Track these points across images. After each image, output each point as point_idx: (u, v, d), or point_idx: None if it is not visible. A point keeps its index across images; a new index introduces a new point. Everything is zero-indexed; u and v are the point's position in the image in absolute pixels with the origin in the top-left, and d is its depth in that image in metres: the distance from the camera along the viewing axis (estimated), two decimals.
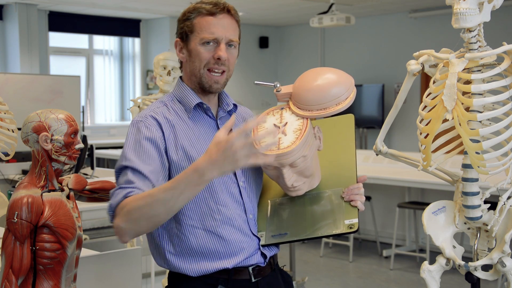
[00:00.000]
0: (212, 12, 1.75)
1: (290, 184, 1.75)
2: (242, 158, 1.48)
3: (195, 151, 1.74)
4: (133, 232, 1.62)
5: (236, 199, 1.77)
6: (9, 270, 1.77)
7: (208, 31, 1.74)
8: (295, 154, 1.68)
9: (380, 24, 9.30)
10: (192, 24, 1.77)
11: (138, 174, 1.66)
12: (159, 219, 1.59)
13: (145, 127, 1.72)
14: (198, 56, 1.76)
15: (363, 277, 5.65)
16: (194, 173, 1.51)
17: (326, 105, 1.75)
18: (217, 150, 1.48)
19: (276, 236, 1.78)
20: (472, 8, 1.94)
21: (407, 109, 5.46)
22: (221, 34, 1.75)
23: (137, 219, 1.59)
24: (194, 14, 1.77)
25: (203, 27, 1.75)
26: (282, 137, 1.72)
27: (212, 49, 1.76)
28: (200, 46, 1.76)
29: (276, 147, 1.69)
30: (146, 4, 8.58)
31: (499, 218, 2.08)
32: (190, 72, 1.81)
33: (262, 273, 1.79)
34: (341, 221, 1.74)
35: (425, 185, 5.61)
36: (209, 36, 1.74)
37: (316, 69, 1.84)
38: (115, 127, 9.80)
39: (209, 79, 1.77)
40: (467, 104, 1.99)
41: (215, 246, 1.73)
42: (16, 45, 8.51)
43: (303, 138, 1.70)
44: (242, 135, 1.47)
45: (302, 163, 1.71)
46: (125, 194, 1.62)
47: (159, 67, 3.67)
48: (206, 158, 1.50)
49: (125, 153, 1.71)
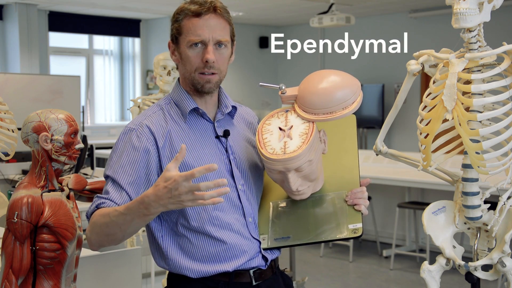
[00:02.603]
0: (197, 13, 1.71)
1: (295, 189, 1.72)
2: (187, 202, 1.47)
3: (192, 157, 1.72)
4: (97, 244, 1.69)
5: (234, 203, 1.75)
6: (9, 270, 1.76)
7: (194, 33, 1.70)
8: (301, 159, 1.65)
9: (380, 24, 9.30)
10: (180, 26, 1.73)
11: (116, 186, 1.69)
12: (115, 237, 1.64)
13: (136, 136, 1.71)
14: (187, 60, 1.74)
15: (363, 277, 5.65)
16: (140, 205, 1.53)
17: (333, 109, 1.72)
18: (163, 187, 1.47)
19: (278, 240, 1.76)
20: (472, 8, 1.94)
21: (407, 109, 5.45)
22: (207, 35, 1.71)
23: (98, 233, 1.65)
24: (181, 16, 1.73)
25: (189, 29, 1.71)
26: (288, 141, 1.68)
27: (200, 52, 1.72)
28: (188, 49, 1.72)
29: (282, 152, 1.66)
30: (146, 4, 8.58)
31: (499, 218, 2.08)
32: (183, 74, 1.79)
33: (263, 277, 1.77)
34: (344, 225, 1.72)
35: (425, 185, 5.61)
36: (195, 38, 1.70)
37: (322, 71, 1.81)
38: (115, 127, 9.80)
39: (200, 80, 1.74)
40: (467, 104, 1.99)
41: (215, 250, 1.72)
42: (16, 45, 8.51)
43: (310, 142, 1.67)
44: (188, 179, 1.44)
45: (308, 167, 1.68)
46: (97, 204, 1.69)
47: (159, 67, 3.67)
48: (153, 192, 1.49)
49: (110, 161, 1.73)
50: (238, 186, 1.77)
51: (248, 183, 1.80)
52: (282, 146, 1.68)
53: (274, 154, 1.66)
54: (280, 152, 1.66)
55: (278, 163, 1.66)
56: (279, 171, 1.68)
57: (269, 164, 1.68)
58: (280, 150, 1.67)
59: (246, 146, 1.85)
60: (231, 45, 1.79)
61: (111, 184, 1.70)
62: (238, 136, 1.85)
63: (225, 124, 1.83)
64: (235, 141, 1.83)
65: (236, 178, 1.77)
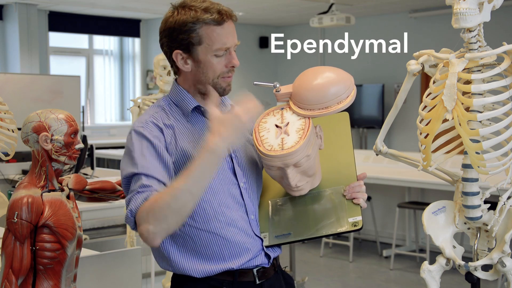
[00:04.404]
0: (218, 22, 1.73)
1: (294, 184, 1.74)
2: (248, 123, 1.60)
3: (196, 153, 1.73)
4: (164, 232, 1.59)
5: (237, 201, 1.77)
6: (9, 270, 1.77)
7: (221, 42, 1.73)
8: (299, 154, 1.67)
9: (380, 24, 9.30)
10: (199, 36, 1.73)
11: (152, 179, 1.64)
12: (186, 209, 1.58)
13: (148, 132, 1.71)
14: (211, 67, 1.75)
15: (363, 277, 5.65)
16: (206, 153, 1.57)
17: (328, 104, 1.75)
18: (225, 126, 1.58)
19: (279, 237, 1.77)
20: (472, 8, 1.94)
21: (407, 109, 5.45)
22: (231, 42, 1.75)
23: (165, 216, 1.56)
24: (198, 25, 1.73)
25: (214, 38, 1.73)
26: (285, 137, 1.71)
27: (223, 58, 1.75)
28: (213, 58, 1.74)
29: (280, 148, 1.68)
30: (146, 4, 8.58)
31: (499, 218, 2.08)
32: (195, 80, 1.78)
33: (266, 275, 1.79)
34: (344, 219, 1.74)
35: (425, 185, 5.61)
36: (223, 46, 1.74)
37: (315, 68, 1.83)
38: (115, 127, 9.81)
39: (223, 83, 1.77)
40: (467, 104, 1.99)
41: (219, 248, 1.72)
42: (16, 45, 8.51)
43: (307, 137, 1.69)
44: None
45: (306, 162, 1.71)
46: (144, 197, 1.61)
47: (159, 67, 3.67)
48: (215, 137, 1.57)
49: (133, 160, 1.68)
50: (240, 184, 1.78)
51: (249, 181, 1.82)
52: (279, 143, 1.70)
53: (272, 151, 1.68)
54: (278, 148, 1.68)
55: (276, 159, 1.68)
56: (278, 168, 1.70)
57: (267, 160, 1.70)
58: (278, 147, 1.69)
59: (246, 144, 1.87)
60: None
61: (146, 179, 1.64)
62: None
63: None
64: None
65: (238, 176, 1.79)
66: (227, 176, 1.76)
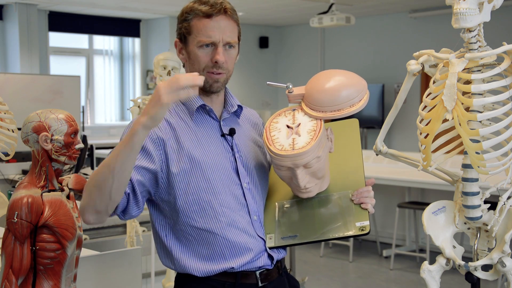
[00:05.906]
0: (208, 14, 1.73)
1: (303, 186, 1.74)
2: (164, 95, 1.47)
3: (198, 152, 1.73)
4: (91, 209, 1.61)
5: (239, 201, 1.76)
6: (9, 270, 1.77)
7: (205, 34, 1.72)
8: (310, 155, 1.68)
9: (380, 24, 9.30)
10: (189, 26, 1.75)
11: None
12: (106, 185, 1.56)
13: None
14: (196, 59, 1.75)
15: (363, 277, 5.65)
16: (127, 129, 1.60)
17: (340, 107, 1.76)
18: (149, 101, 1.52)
19: (286, 238, 1.77)
20: (472, 8, 1.94)
21: (407, 109, 5.46)
22: (218, 37, 1.73)
23: (90, 192, 1.60)
24: (191, 15, 1.75)
25: (200, 30, 1.73)
26: (296, 137, 1.71)
27: (209, 52, 1.74)
28: (198, 49, 1.74)
29: (291, 148, 1.69)
30: (146, 4, 8.58)
31: (499, 218, 2.08)
32: (189, 72, 1.79)
33: (269, 278, 1.77)
34: (352, 223, 1.74)
35: (425, 185, 5.61)
36: (206, 39, 1.73)
37: (329, 71, 1.85)
38: (115, 127, 9.80)
39: (209, 79, 1.76)
40: (467, 104, 1.99)
41: (220, 247, 1.72)
42: (16, 45, 8.51)
43: (318, 138, 1.70)
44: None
45: (316, 164, 1.71)
46: None
47: (159, 67, 3.67)
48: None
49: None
50: (243, 184, 1.78)
51: (253, 182, 1.81)
52: (290, 143, 1.70)
53: (283, 150, 1.68)
54: (289, 148, 1.69)
55: (287, 159, 1.68)
56: (288, 168, 1.70)
57: (278, 160, 1.70)
58: (289, 147, 1.69)
59: (251, 145, 1.87)
60: (238, 45, 1.82)
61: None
62: (244, 135, 1.87)
63: (231, 123, 1.85)
64: (240, 140, 1.84)
65: (242, 176, 1.78)
66: (230, 176, 1.76)
